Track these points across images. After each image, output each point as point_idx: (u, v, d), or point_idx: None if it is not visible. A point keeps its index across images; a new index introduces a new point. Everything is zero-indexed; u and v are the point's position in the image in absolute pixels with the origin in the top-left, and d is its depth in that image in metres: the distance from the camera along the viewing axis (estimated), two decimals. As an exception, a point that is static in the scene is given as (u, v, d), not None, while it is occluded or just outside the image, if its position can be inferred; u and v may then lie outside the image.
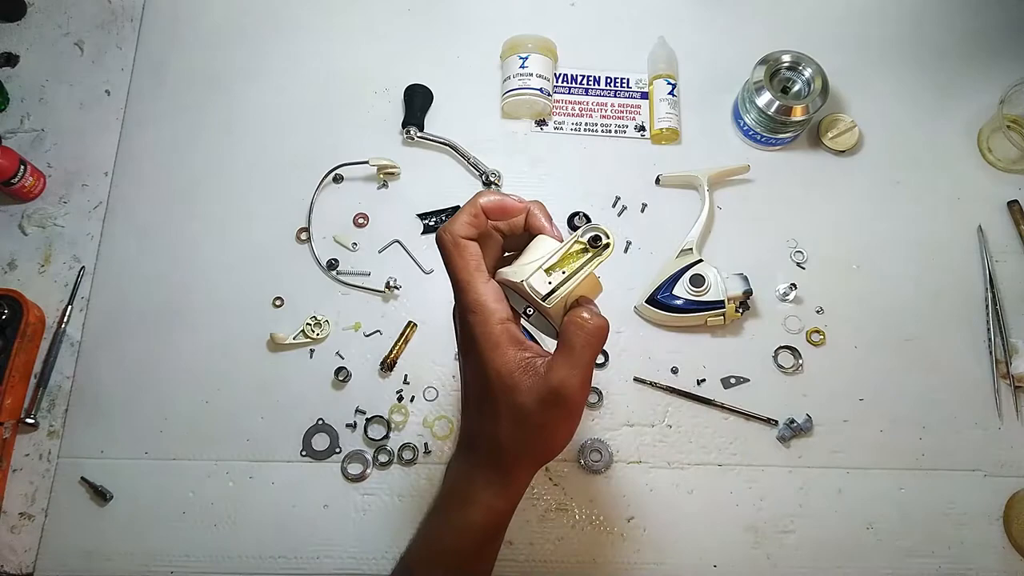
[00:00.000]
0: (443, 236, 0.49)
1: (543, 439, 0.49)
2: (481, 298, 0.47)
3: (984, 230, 0.89)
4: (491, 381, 0.47)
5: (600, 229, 0.48)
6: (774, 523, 0.78)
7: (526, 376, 0.46)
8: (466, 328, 0.48)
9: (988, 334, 0.85)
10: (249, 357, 0.82)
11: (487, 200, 0.50)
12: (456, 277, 0.48)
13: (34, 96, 0.91)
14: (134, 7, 0.96)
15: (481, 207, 0.49)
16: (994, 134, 0.92)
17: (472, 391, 0.51)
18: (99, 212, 0.87)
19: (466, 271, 0.48)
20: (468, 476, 0.51)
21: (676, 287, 0.81)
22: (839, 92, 0.94)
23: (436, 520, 0.54)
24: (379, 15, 0.97)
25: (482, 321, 0.47)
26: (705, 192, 0.87)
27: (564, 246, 0.48)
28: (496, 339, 0.46)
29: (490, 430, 0.49)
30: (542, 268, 0.48)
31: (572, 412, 0.48)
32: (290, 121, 0.91)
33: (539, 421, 0.47)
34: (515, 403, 0.47)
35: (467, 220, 0.49)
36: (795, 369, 0.83)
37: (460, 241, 0.48)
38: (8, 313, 0.78)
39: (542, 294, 0.47)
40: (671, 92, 0.92)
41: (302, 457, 0.78)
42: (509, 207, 0.50)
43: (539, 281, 0.47)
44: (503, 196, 0.51)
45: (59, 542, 0.75)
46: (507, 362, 0.46)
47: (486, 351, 0.47)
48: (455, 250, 0.48)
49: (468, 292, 0.47)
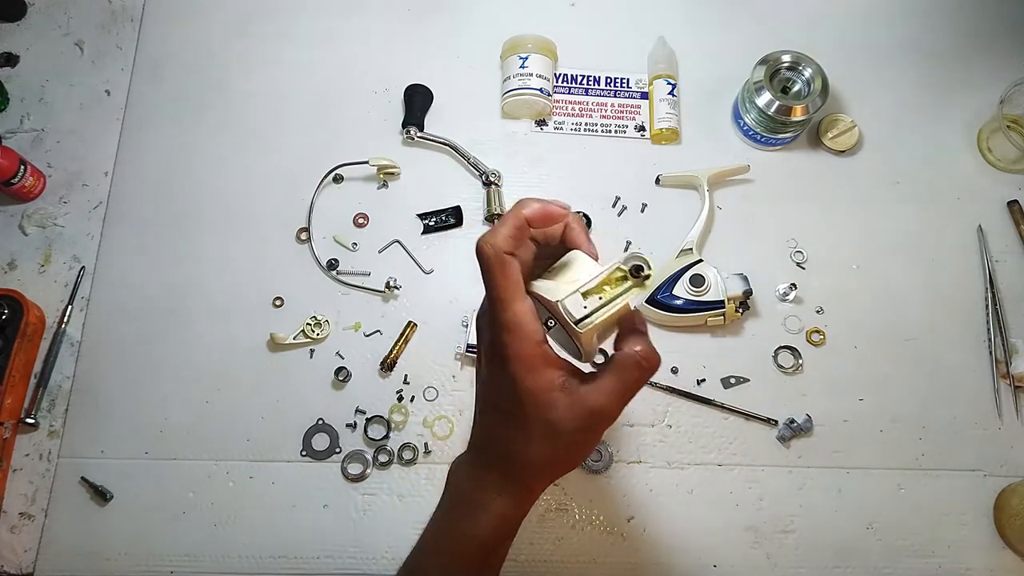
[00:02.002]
0: (486, 249, 0.46)
1: (570, 455, 0.49)
2: (519, 318, 0.45)
3: (984, 230, 0.89)
4: (523, 400, 0.46)
5: (643, 259, 0.46)
6: (774, 523, 0.78)
7: (563, 396, 0.46)
8: (499, 345, 0.46)
9: (988, 334, 0.85)
10: (249, 357, 0.82)
11: (531, 211, 0.47)
12: (495, 294, 0.46)
13: (34, 96, 0.91)
14: (134, 7, 0.96)
15: (525, 219, 0.47)
16: (994, 134, 0.92)
17: (495, 403, 0.49)
18: (99, 212, 0.87)
19: (507, 289, 0.46)
20: (481, 483, 0.50)
21: (676, 287, 0.81)
22: (839, 92, 0.94)
23: (444, 526, 0.53)
24: (379, 15, 0.97)
25: (518, 341, 0.45)
26: (705, 192, 0.87)
27: (604, 271, 0.46)
28: (532, 360, 0.45)
29: (515, 443, 0.48)
30: (579, 291, 0.46)
31: (603, 431, 0.48)
32: (290, 121, 0.91)
33: (571, 440, 0.47)
34: (549, 421, 0.46)
35: (510, 233, 0.46)
36: (795, 369, 0.83)
37: (504, 257, 0.45)
38: (8, 313, 0.78)
39: (576, 318, 0.45)
40: (671, 92, 0.92)
41: (302, 457, 0.78)
42: (552, 214, 0.48)
43: (575, 304, 0.45)
44: (545, 203, 0.48)
45: (59, 542, 0.75)
46: (543, 383, 0.46)
47: (520, 371, 0.45)
48: (498, 266, 0.45)
49: (506, 311, 0.45)
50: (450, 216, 0.88)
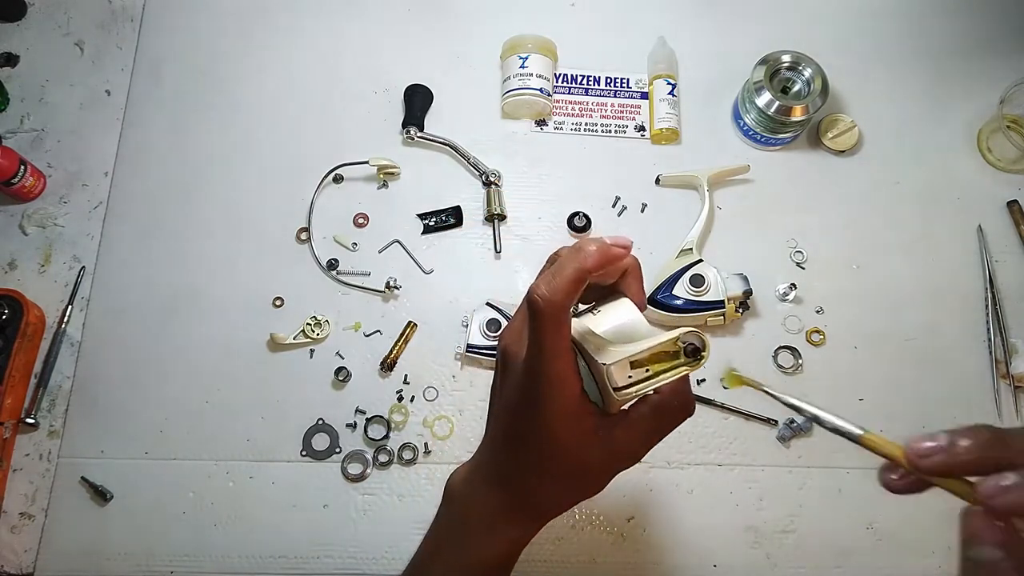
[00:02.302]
0: (539, 304, 0.41)
1: (591, 490, 0.49)
2: (563, 374, 0.43)
3: (984, 230, 0.89)
4: (556, 444, 0.45)
5: (701, 339, 0.42)
6: (774, 523, 0.78)
7: (597, 442, 0.45)
8: (535, 393, 0.44)
9: (988, 334, 0.85)
10: (249, 357, 0.82)
11: (593, 261, 0.42)
12: (541, 347, 0.42)
13: (34, 96, 0.91)
14: (134, 7, 0.96)
15: (587, 270, 0.42)
16: (994, 134, 0.92)
17: (520, 436, 0.47)
18: (99, 212, 0.87)
19: (556, 345, 0.42)
20: (492, 509, 0.49)
21: (676, 287, 0.81)
22: (839, 92, 0.94)
23: (450, 549, 0.51)
24: (379, 15, 0.97)
25: (558, 393, 0.43)
26: (705, 192, 0.87)
27: (657, 343, 0.42)
28: (568, 414, 0.44)
29: (537, 478, 0.47)
30: (628, 359, 0.42)
31: (630, 467, 0.48)
32: (290, 121, 0.91)
33: (597, 478, 0.47)
34: (579, 463, 0.46)
35: (569, 288, 0.41)
36: (795, 369, 0.83)
37: (560, 315, 0.41)
38: (8, 313, 0.78)
39: (619, 386, 0.43)
40: (671, 92, 0.92)
41: (302, 457, 0.78)
42: (614, 256, 0.43)
43: (620, 372, 0.42)
44: (606, 246, 0.42)
45: (59, 542, 0.75)
46: (578, 432, 0.44)
47: (556, 420, 0.44)
48: (552, 324, 0.41)
49: (550, 365, 0.42)
50: (450, 216, 0.88)
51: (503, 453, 0.48)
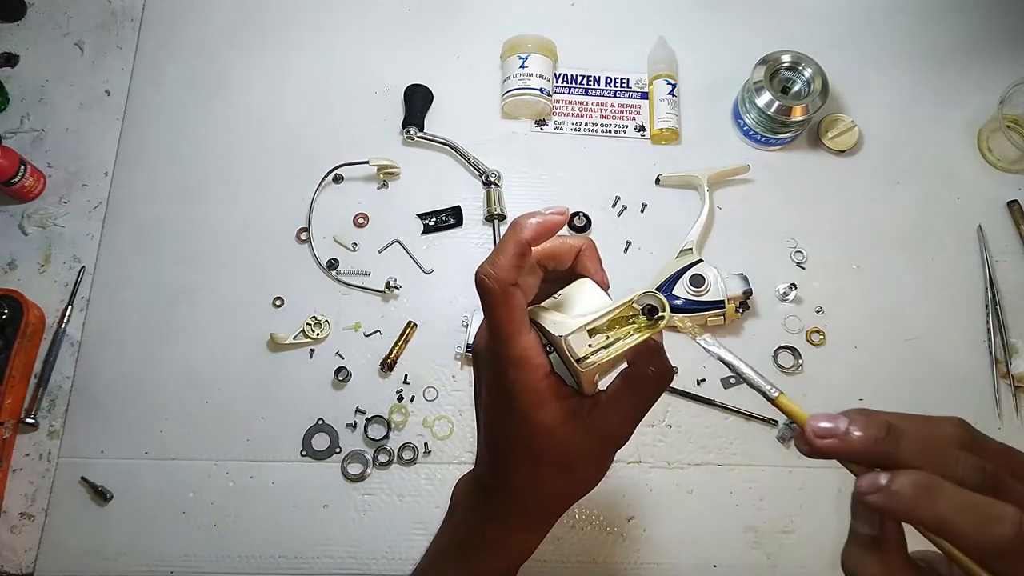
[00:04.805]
0: (486, 282, 0.42)
1: (587, 481, 0.48)
2: (526, 353, 0.42)
3: (984, 230, 0.89)
4: (536, 435, 0.44)
5: (658, 299, 0.42)
6: (774, 523, 0.78)
7: (576, 426, 0.44)
8: (505, 381, 0.43)
9: (988, 334, 0.85)
10: (249, 357, 0.82)
11: (530, 232, 0.42)
12: (499, 328, 0.42)
13: (34, 96, 0.91)
14: (134, 7, 0.96)
15: (525, 242, 0.42)
16: (994, 134, 0.92)
17: (505, 437, 0.47)
18: (99, 212, 0.87)
19: (511, 323, 0.42)
20: (494, 517, 0.49)
21: (676, 287, 0.81)
22: (839, 92, 0.94)
23: (452, 567, 0.51)
24: (379, 15, 0.97)
25: (525, 375, 0.43)
26: (705, 192, 0.87)
27: (614, 308, 0.43)
28: (541, 394, 0.43)
29: (529, 478, 0.46)
30: (585, 328, 0.42)
31: (617, 450, 0.47)
32: (290, 121, 0.91)
33: (587, 467, 0.46)
34: (564, 453, 0.45)
35: (511, 261, 0.41)
36: (795, 369, 0.83)
37: (508, 290, 0.41)
38: (8, 313, 0.78)
39: (579, 356, 0.42)
40: (671, 92, 0.92)
41: (302, 457, 0.78)
42: (551, 225, 0.43)
43: (579, 341, 0.42)
44: (541, 215, 0.43)
45: (59, 542, 0.75)
46: (554, 416, 0.43)
47: (530, 406, 0.43)
48: (501, 300, 0.42)
49: (512, 346, 0.42)
50: (450, 216, 0.88)
51: (493, 456, 0.48)
